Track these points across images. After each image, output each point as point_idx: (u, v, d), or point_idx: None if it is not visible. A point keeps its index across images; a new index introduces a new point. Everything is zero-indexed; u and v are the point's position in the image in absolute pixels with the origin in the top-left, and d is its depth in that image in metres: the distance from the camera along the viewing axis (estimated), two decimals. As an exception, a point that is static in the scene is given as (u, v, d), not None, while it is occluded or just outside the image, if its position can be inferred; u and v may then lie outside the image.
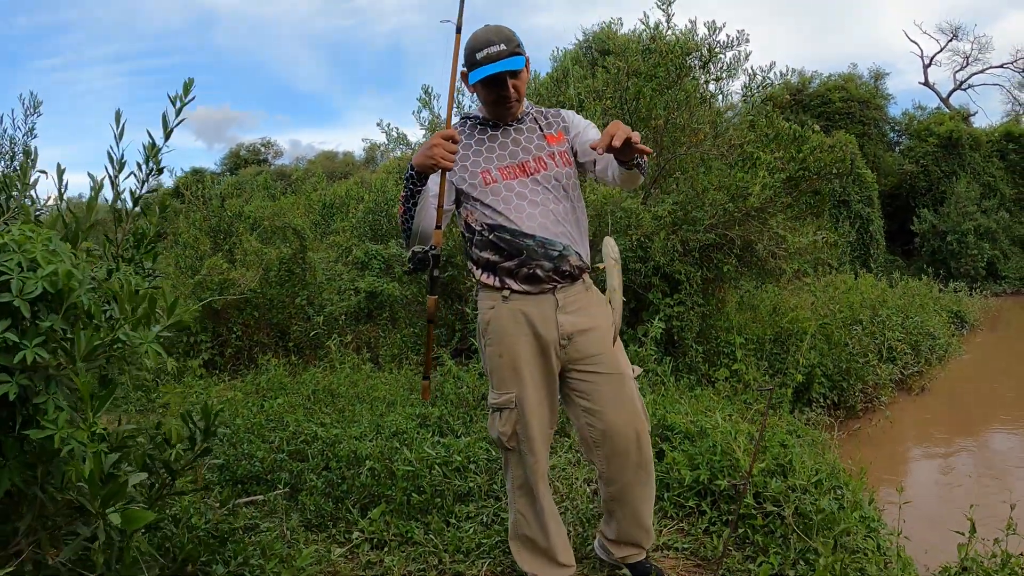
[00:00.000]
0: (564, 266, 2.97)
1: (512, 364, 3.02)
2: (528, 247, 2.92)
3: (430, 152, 2.74)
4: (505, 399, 3.05)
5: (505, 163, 3.03)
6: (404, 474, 4.28)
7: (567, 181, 3.08)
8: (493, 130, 3.12)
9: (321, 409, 6.17)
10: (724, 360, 7.68)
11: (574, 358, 3.04)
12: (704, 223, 7.57)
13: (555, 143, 3.11)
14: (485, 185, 2.99)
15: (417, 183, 2.85)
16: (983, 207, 24.82)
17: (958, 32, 36.32)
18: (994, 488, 7.03)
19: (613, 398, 3.04)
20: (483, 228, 2.99)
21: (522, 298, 3.00)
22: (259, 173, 32.25)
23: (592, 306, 3.10)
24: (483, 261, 3.03)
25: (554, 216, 2.98)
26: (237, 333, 9.67)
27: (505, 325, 3.02)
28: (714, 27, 7.86)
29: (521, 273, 2.96)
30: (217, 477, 4.82)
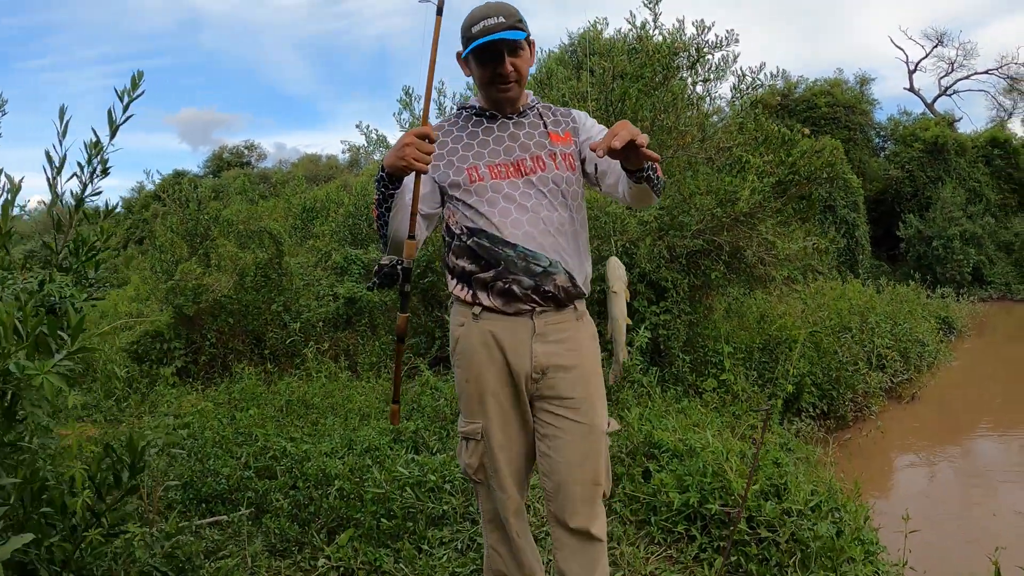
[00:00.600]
0: (547, 286, 2.58)
1: (478, 393, 2.66)
2: (507, 257, 2.55)
3: (401, 152, 2.39)
4: (471, 429, 2.71)
5: (497, 160, 2.66)
6: (374, 497, 4.02)
7: (567, 187, 2.69)
8: (489, 122, 2.75)
9: (293, 422, 5.93)
10: (712, 370, 7.46)
11: (545, 395, 2.65)
12: (691, 228, 7.35)
13: (559, 143, 2.73)
14: (470, 183, 2.62)
15: (389, 186, 2.51)
16: (969, 212, 24.80)
17: (943, 38, 36.31)
18: (980, 496, 6.87)
19: (576, 452, 2.64)
20: (462, 232, 2.63)
21: (494, 317, 2.63)
22: (241, 176, 31.94)
23: (581, 340, 2.72)
24: (458, 270, 2.67)
25: (544, 225, 2.60)
26: (211, 340, 9.40)
27: (473, 347, 2.65)
28: (703, 26, 7.63)
29: (496, 287, 2.58)
30: (180, 496, 4.55)
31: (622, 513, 4.08)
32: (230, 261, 9.64)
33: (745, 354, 8.08)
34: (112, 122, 3.03)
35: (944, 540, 3.68)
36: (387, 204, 2.55)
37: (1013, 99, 35.89)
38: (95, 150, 2.99)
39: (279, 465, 4.77)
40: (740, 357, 7.93)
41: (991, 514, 6.47)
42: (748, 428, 5.83)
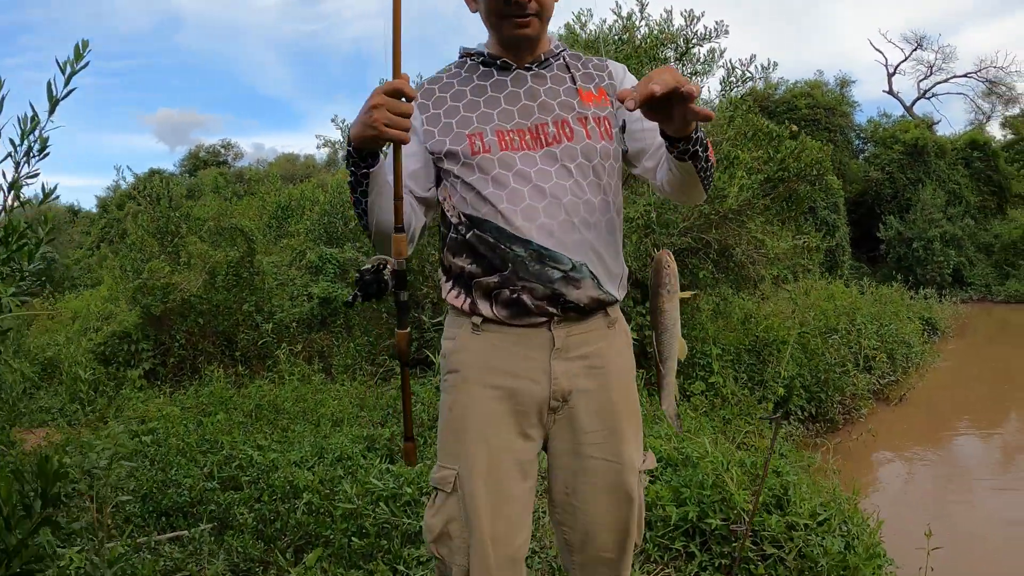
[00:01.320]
0: (570, 294, 1.96)
1: (460, 426, 2.02)
2: (517, 258, 1.94)
3: (370, 120, 1.76)
4: (442, 476, 2.03)
5: (510, 124, 2.01)
6: (345, 513, 3.70)
7: (602, 162, 2.03)
8: (500, 73, 2.08)
9: (262, 428, 5.63)
10: (700, 372, 7.21)
11: (563, 429, 2.06)
12: (679, 226, 7.09)
13: (592, 103, 2.06)
14: (472, 155, 1.99)
15: (361, 164, 1.87)
16: (949, 214, 24.87)
17: (923, 42, 36.39)
18: (979, 501, 6.70)
19: (606, 495, 2.06)
20: (460, 221, 2.02)
21: (500, 329, 2.02)
22: (217, 175, 31.54)
23: (609, 354, 2.08)
24: (455, 271, 2.06)
25: (567, 214, 1.96)
26: (180, 341, 9.10)
27: (469, 363, 2.04)
28: (691, 17, 7.38)
29: (501, 296, 1.98)
30: (139, 509, 4.24)
31: (614, 528, 3.79)
32: (200, 259, 9.33)
33: (733, 356, 7.85)
34: (52, 96, 2.71)
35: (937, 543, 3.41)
36: (363, 187, 1.91)
37: (991, 102, 36.10)
38: (31, 126, 2.67)
39: (245, 475, 4.47)
40: (728, 359, 7.70)
41: (990, 519, 6.31)
42: (741, 434, 5.58)
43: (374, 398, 6.44)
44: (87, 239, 31.98)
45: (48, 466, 1.63)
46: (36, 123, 2.77)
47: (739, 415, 6.44)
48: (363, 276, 2.06)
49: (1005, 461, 8.34)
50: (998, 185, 27.33)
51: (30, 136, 2.81)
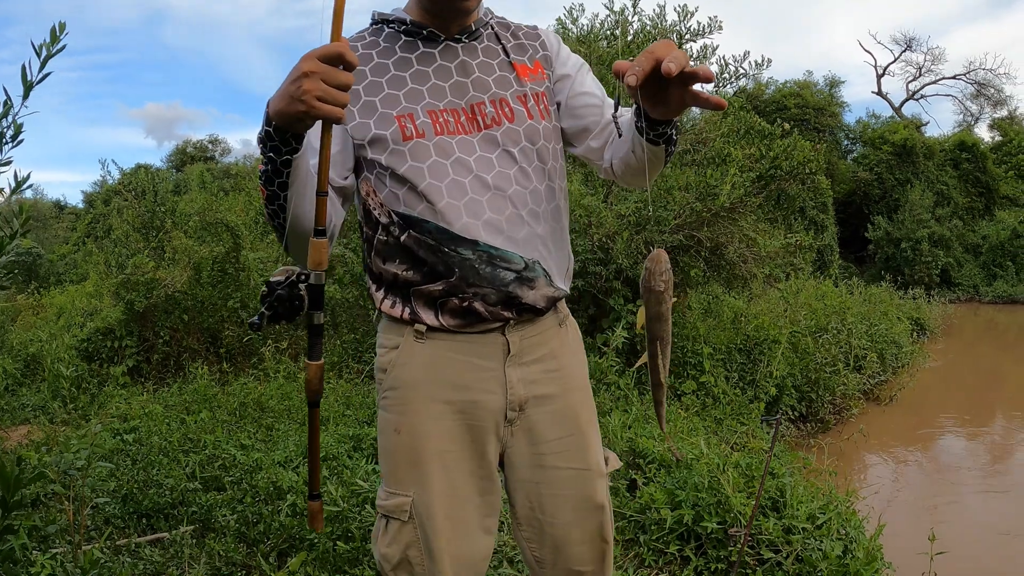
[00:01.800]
0: (525, 296, 1.77)
1: (413, 448, 1.79)
2: (464, 263, 1.71)
3: (299, 89, 1.43)
4: (396, 504, 1.80)
5: (443, 103, 1.75)
6: (330, 516, 3.59)
7: (547, 144, 1.83)
8: (427, 44, 1.79)
9: (246, 427, 5.51)
10: (691, 371, 7.13)
11: (519, 443, 1.87)
12: (670, 223, 7.00)
13: (529, 78, 1.84)
14: (403, 140, 1.71)
15: (282, 148, 1.53)
16: (937, 215, 24.97)
17: (912, 43, 36.48)
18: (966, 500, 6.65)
19: (575, 506, 1.88)
20: (391, 221, 1.75)
21: (449, 337, 1.79)
22: (204, 170, 31.35)
23: (566, 356, 1.92)
24: (387, 277, 1.80)
25: (515, 207, 1.75)
26: (164, 338, 8.97)
27: (415, 378, 1.80)
28: (685, 12, 7.29)
29: (449, 306, 1.75)
30: (119, 510, 4.12)
31: (607, 531, 3.70)
32: (184, 254, 9.19)
33: (724, 355, 7.78)
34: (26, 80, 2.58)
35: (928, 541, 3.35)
36: (282, 178, 1.58)
37: (980, 104, 36.20)
38: (3, 111, 2.55)
39: (228, 476, 4.36)
40: (719, 358, 7.63)
41: (980, 521, 6.27)
42: (732, 433, 5.50)
43: (360, 396, 6.33)
44: (73, 235, 31.76)
45: (10, 471, 1.52)
46: (9, 108, 2.65)
47: (731, 415, 6.36)
48: (273, 290, 1.63)
49: (994, 462, 8.31)
50: (986, 187, 27.42)
51: (2, 122, 2.69)
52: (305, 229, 1.64)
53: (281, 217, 1.63)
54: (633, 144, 1.70)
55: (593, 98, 1.89)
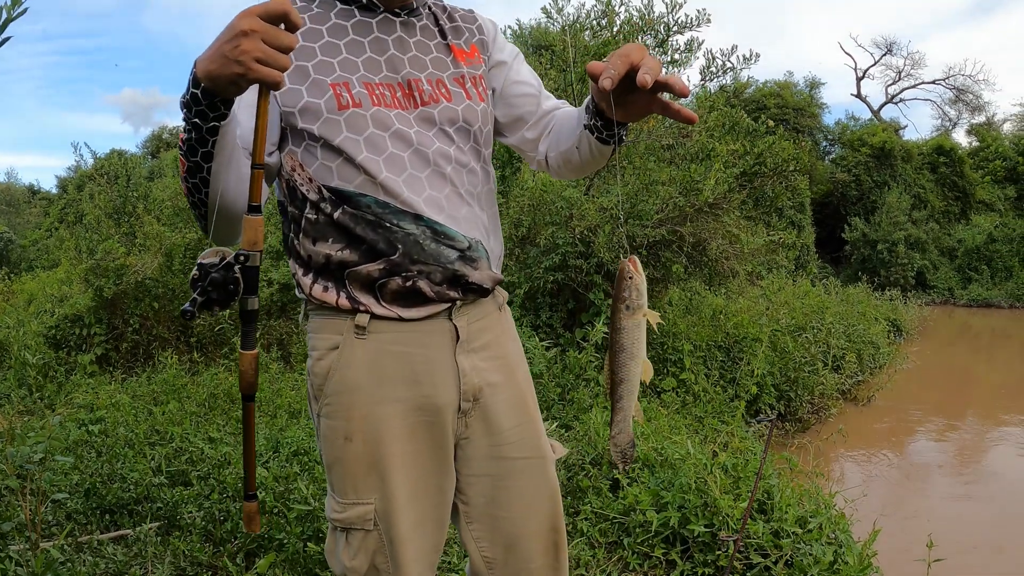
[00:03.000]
0: (470, 275, 1.68)
1: (370, 454, 1.66)
2: (408, 237, 1.60)
3: (237, 51, 1.29)
4: (357, 514, 1.68)
5: (378, 76, 1.64)
6: (300, 515, 3.44)
7: (483, 128, 1.76)
8: (364, 14, 1.68)
9: (215, 418, 5.34)
10: (671, 368, 7.03)
11: (475, 434, 1.76)
12: (652, 217, 6.89)
13: (466, 61, 1.76)
14: (339, 109, 1.58)
15: (209, 114, 1.38)
16: (913, 218, 25.13)
17: (892, 47, 36.73)
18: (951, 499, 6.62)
19: (530, 496, 1.80)
20: (322, 198, 1.62)
21: (393, 328, 1.66)
22: (177, 156, 31.11)
23: (507, 340, 1.85)
24: (318, 260, 1.65)
25: (454, 186, 1.67)
26: (134, 326, 8.77)
27: (359, 381, 1.66)
28: (674, 4, 7.17)
29: (391, 286, 1.62)
30: (82, 505, 3.94)
31: (590, 534, 3.55)
32: (156, 241, 8.98)
33: (704, 352, 7.70)
34: None
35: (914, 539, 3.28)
36: (206, 147, 1.43)
37: (958, 110, 36.52)
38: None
39: (195, 470, 4.19)
40: (699, 355, 7.55)
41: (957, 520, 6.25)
42: (714, 432, 5.39)
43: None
44: (46, 220, 31.35)
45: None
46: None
47: (711, 413, 6.27)
48: (207, 273, 1.47)
49: (968, 463, 8.33)
50: (963, 191, 27.63)
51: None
52: (229, 206, 1.52)
53: (202, 192, 1.49)
54: (579, 140, 1.68)
55: (529, 87, 1.86)
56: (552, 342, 6.67)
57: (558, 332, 6.99)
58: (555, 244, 6.86)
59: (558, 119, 1.83)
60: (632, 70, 1.39)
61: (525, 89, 1.85)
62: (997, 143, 30.27)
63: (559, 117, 1.83)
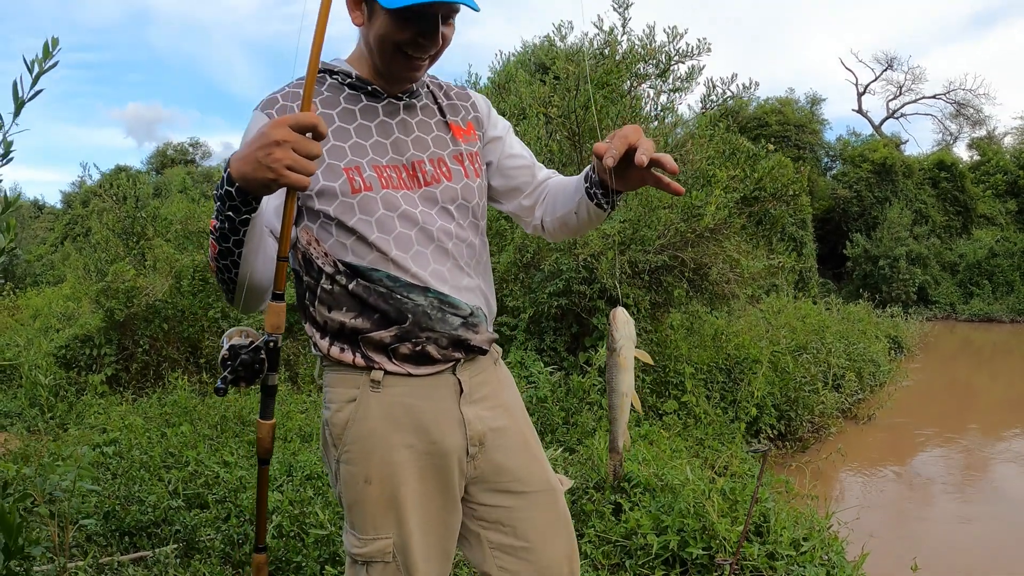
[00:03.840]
0: (471, 339, 1.88)
1: (388, 494, 1.83)
2: (417, 308, 1.79)
3: (270, 158, 1.47)
4: (377, 548, 1.84)
5: (385, 159, 1.82)
6: (317, 540, 3.58)
7: (479, 202, 1.97)
8: (371, 100, 1.87)
9: (227, 442, 5.47)
10: (673, 391, 7.16)
11: (484, 475, 1.94)
12: (654, 243, 7.04)
13: (463, 139, 1.96)
14: (352, 193, 1.76)
15: (242, 208, 1.57)
16: (915, 233, 25.27)
17: (893, 62, 36.92)
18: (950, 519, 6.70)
19: (547, 526, 1.98)
20: (337, 271, 1.79)
21: (404, 383, 1.85)
22: (184, 174, 31.21)
23: (504, 390, 2.04)
24: (333, 325, 1.82)
25: (455, 259, 1.87)
26: (144, 347, 8.89)
27: (375, 430, 1.83)
28: (675, 33, 7.34)
29: (402, 351, 1.82)
30: (101, 527, 4.08)
31: (593, 556, 3.70)
32: (166, 263, 9.13)
33: (706, 374, 7.82)
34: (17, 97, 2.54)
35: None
36: (238, 236, 1.61)
37: (959, 124, 36.70)
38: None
39: (211, 494, 4.33)
40: (701, 378, 7.66)
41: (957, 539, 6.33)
42: (714, 454, 5.52)
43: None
44: (51, 235, 31.48)
45: (11, 517, 1.52)
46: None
47: (712, 436, 6.39)
48: (237, 356, 1.68)
49: (970, 480, 8.38)
50: (964, 205, 27.78)
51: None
52: (255, 284, 1.72)
53: (232, 272, 1.67)
54: (578, 206, 1.90)
55: (523, 160, 2.07)
56: (556, 366, 6.81)
57: (562, 356, 7.13)
58: (559, 270, 7.01)
59: (551, 188, 2.05)
60: (630, 149, 1.63)
61: (520, 162, 2.06)
62: (998, 157, 30.42)
63: (552, 186, 2.05)
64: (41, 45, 2.49)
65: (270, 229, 1.74)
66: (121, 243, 10.13)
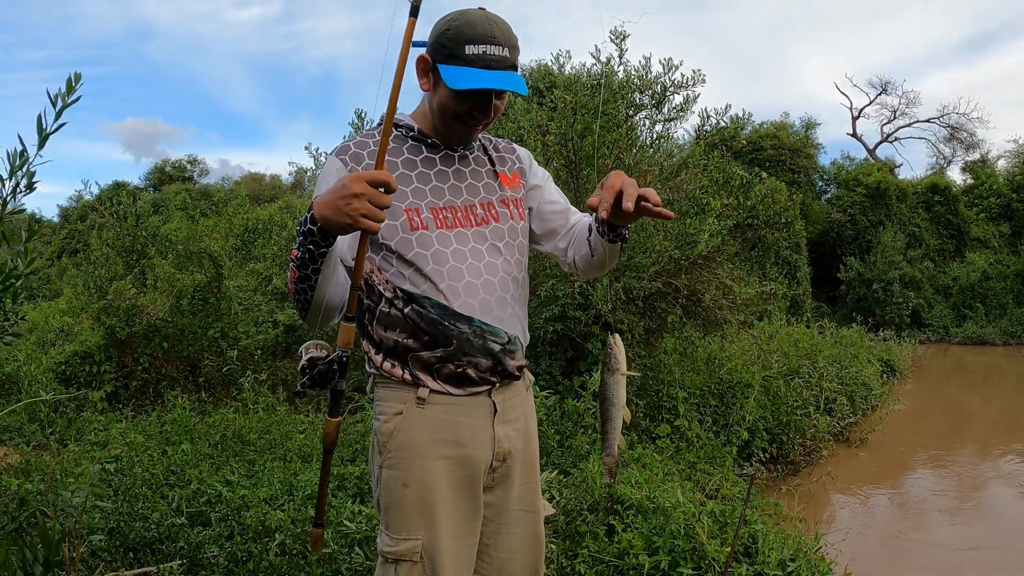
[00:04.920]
0: (508, 365, 2.15)
1: (422, 499, 2.09)
2: (462, 335, 2.06)
3: (348, 205, 1.77)
4: (407, 548, 2.08)
5: (442, 201, 2.11)
6: (319, 557, 3.69)
7: (523, 242, 2.26)
8: (430, 151, 2.18)
9: (228, 461, 5.56)
10: (666, 415, 7.26)
11: (494, 487, 2.23)
12: (649, 270, 7.17)
13: (510, 186, 2.26)
14: (411, 231, 2.06)
15: (321, 243, 1.86)
16: (908, 256, 25.40)
17: (887, 86, 37.18)
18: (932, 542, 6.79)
19: (525, 544, 2.29)
20: (396, 296, 2.07)
21: (445, 401, 2.11)
22: (183, 191, 31.31)
23: (530, 414, 2.33)
24: (388, 343, 2.11)
25: (501, 291, 2.13)
26: (144, 365, 8.99)
27: (417, 440, 2.09)
28: (670, 65, 7.49)
29: (445, 371, 2.09)
30: (106, 543, 4.17)
31: (587, 575, 3.82)
32: (167, 282, 9.24)
33: (699, 399, 7.92)
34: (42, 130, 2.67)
35: None
36: (316, 265, 1.90)
37: (953, 147, 36.92)
38: (20, 161, 2.65)
39: (214, 512, 4.42)
40: (694, 402, 7.76)
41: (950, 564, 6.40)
42: (706, 477, 5.63)
43: (342, 434, 6.40)
44: (48, 249, 31.52)
45: (50, 535, 1.63)
46: (25, 160, 2.74)
47: (704, 459, 6.49)
48: (315, 366, 2.06)
49: (962, 504, 8.44)
50: (957, 229, 27.92)
51: (19, 172, 2.78)
52: (327, 305, 2.01)
53: (308, 295, 1.96)
54: (593, 246, 2.19)
55: (559, 206, 2.38)
56: (552, 390, 6.92)
57: (557, 380, 7.24)
58: (555, 296, 7.12)
59: (577, 230, 2.33)
60: (618, 195, 1.93)
61: (556, 208, 2.37)
62: (991, 180, 30.56)
63: (578, 229, 2.33)
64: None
65: (342, 259, 2.04)
66: (121, 261, 10.24)
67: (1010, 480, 9.11)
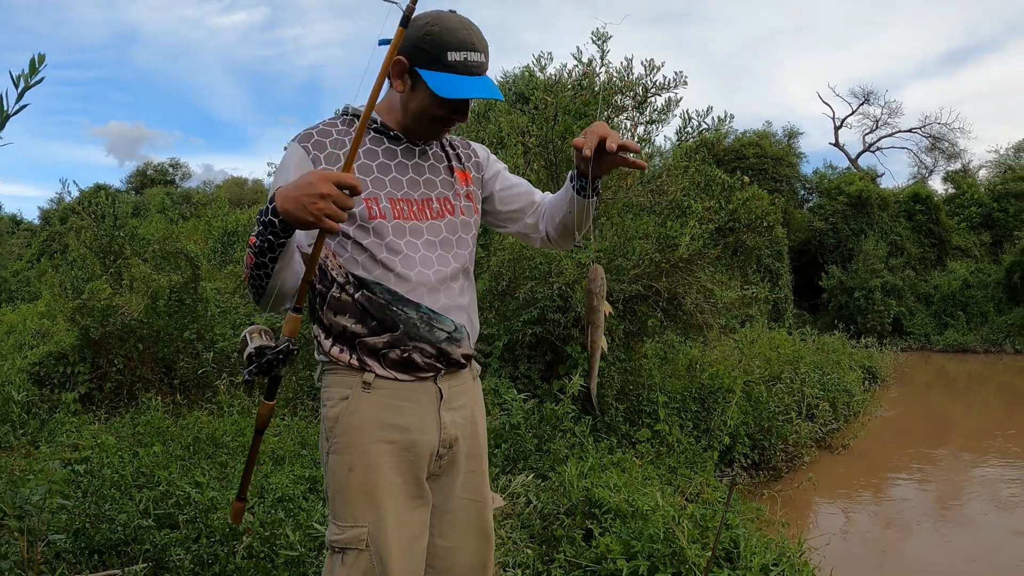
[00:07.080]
0: (453, 352, 2.16)
1: (366, 484, 2.07)
2: (409, 320, 2.08)
3: (314, 206, 1.81)
4: (353, 535, 2.05)
5: (400, 193, 2.16)
6: (287, 560, 3.59)
7: (474, 236, 2.31)
8: (392, 143, 2.21)
9: (200, 463, 5.45)
10: (646, 419, 7.20)
11: (440, 474, 2.22)
12: (629, 272, 7.11)
13: (465, 183, 2.31)
14: (369, 219, 2.08)
15: (281, 234, 1.90)
16: (890, 265, 25.56)
17: (869, 97, 37.38)
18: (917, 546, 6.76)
19: (472, 531, 2.27)
20: (347, 281, 2.09)
21: (391, 386, 2.12)
22: (166, 194, 31.09)
23: (478, 403, 2.33)
24: (337, 328, 2.12)
25: (450, 281, 2.17)
26: (118, 366, 8.83)
27: (362, 424, 2.09)
28: (652, 66, 7.45)
29: (391, 356, 2.10)
30: (71, 544, 4.06)
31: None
32: (143, 282, 9.09)
33: (679, 403, 7.86)
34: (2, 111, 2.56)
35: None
36: (274, 254, 1.93)
37: (934, 157, 37.17)
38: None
39: (182, 514, 4.32)
40: (674, 407, 7.71)
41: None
42: (687, 482, 5.56)
43: (315, 436, 6.29)
44: (28, 251, 31.24)
45: None
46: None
47: (684, 464, 6.43)
48: (264, 354, 2.00)
49: (943, 508, 8.46)
50: (938, 237, 28.13)
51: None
52: (281, 292, 2.04)
53: (264, 281, 2.00)
54: (569, 205, 2.22)
55: (521, 187, 2.44)
56: (530, 394, 6.84)
57: (536, 383, 7.15)
58: (534, 298, 7.05)
59: (548, 203, 2.38)
60: (601, 140, 2.00)
61: (518, 189, 2.42)
62: (973, 190, 30.84)
63: (548, 201, 2.39)
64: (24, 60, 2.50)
65: (299, 246, 2.07)
66: (98, 261, 10.10)
67: (990, 485, 9.15)
